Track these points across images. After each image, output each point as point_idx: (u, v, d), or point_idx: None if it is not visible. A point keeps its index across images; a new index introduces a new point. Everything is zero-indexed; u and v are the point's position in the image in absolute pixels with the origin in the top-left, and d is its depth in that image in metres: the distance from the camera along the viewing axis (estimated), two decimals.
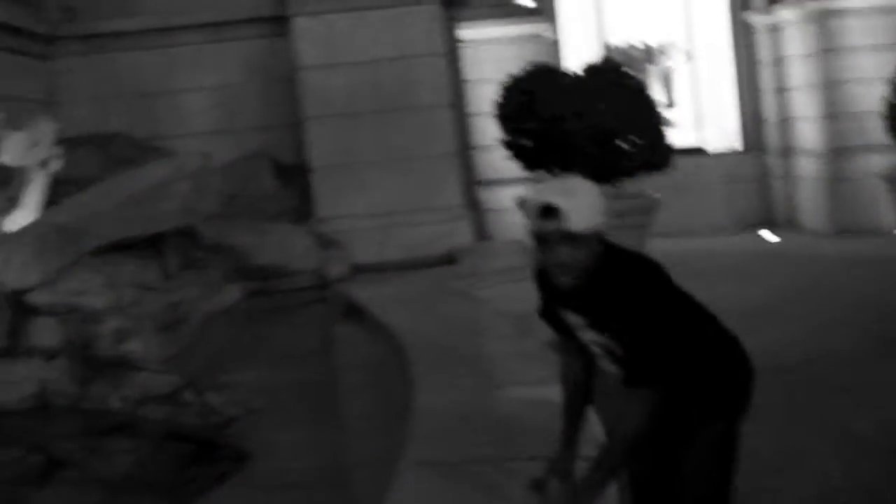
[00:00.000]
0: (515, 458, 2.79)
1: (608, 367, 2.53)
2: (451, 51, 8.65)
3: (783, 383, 5.21)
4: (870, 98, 10.76)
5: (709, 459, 2.55)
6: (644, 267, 2.47)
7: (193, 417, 3.74)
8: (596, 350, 2.52)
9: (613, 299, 2.38)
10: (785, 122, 12.24)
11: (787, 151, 12.16)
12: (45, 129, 6.43)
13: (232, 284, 6.23)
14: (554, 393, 3.45)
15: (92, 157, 7.75)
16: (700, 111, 12.91)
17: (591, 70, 9.07)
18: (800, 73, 11.76)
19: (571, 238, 2.31)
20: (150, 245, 5.29)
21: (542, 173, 9.60)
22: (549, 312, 2.62)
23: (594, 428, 3.06)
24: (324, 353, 5.38)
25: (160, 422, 3.76)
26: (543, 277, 2.54)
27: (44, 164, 6.37)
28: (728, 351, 2.61)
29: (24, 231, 4.93)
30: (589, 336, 2.51)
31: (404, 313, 5.07)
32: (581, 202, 2.33)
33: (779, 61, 12.27)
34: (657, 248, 9.19)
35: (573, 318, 2.53)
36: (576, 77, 9.16)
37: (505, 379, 3.73)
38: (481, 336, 4.51)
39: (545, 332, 6.72)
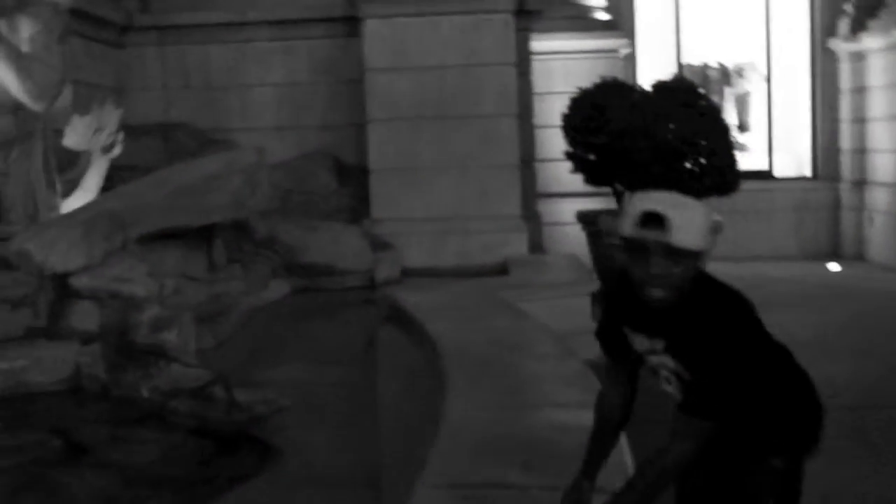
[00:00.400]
0: (539, 487, 2.67)
1: (669, 389, 2.41)
2: (523, 61, 8.55)
3: (851, 421, 5.04)
4: None
5: (762, 494, 2.42)
6: (737, 303, 2.34)
7: (220, 413, 3.68)
8: (663, 374, 2.38)
9: (701, 329, 2.25)
10: (860, 152, 11.90)
11: (861, 182, 11.83)
12: (110, 115, 6.50)
13: (280, 280, 6.21)
14: (585, 418, 3.36)
15: (153, 146, 7.83)
16: (774, 136, 12.62)
17: (662, 88, 8.88)
18: (881, 103, 11.42)
19: (672, 252, 2.18)
20: (199, 236, 5.29)
21: (605, 189, 9.47)
22: (610, 333, 2.48)
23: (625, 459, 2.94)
24: (363, 356, 5.31)
25: (187, 415, 3.71)
26: (618, 292, 2.41)
27: (106, 149, 6.43)
28: (798, 387, 2.48)
29: (74, 214, 4.95)
30: (660, 360, 2.37)
31: (447, 322, 4.97)
32: (690, 218, 2.20)
33: (859, 90, 11.93)
34: (718, 270, 9.02)
35: (644, 342, 2.39)
36: (645, 94, 8.99)
37: (540, 400, 3.60)
38: (522, 352, 4.38)
39: (590, 352, 6.58)
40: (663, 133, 8.21)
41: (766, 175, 12.36)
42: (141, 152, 7.60)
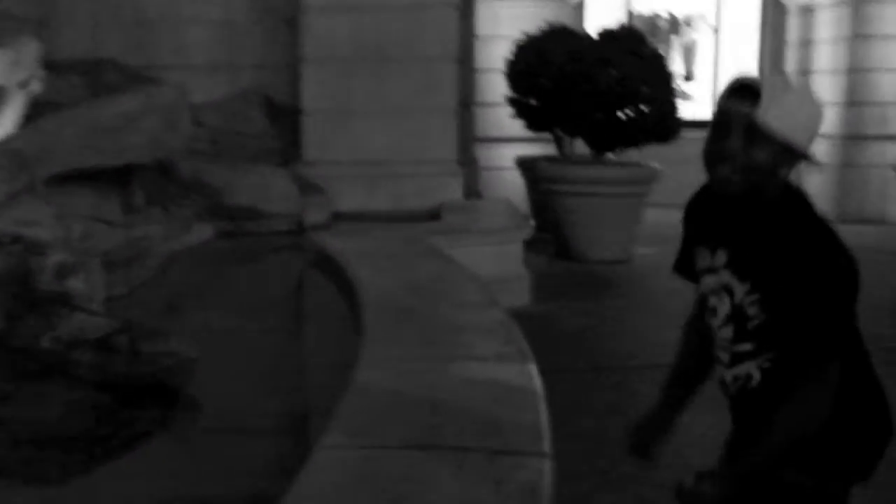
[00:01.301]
0: (444, 447, 2.55)
1: (714, 323, 2.07)
2: (467, 4, 8.33)
3: None
4: (894, 88, 10.46)
5: None
6: (832, 239, 1.92)
7: (122, 365, 3.51)
8: (711, 301, 2.05)
9: (779, 245, 1.91)
10: None
11: None
12: (30, 49, 6.18)
13: (204, 224, 6.00)
14: (503, 372, 3.25)
15: (79, 83, 7.49)
16: (719, 86, 12.56)
17: (606, 34, 8.77)
18: (826, 57, 11.42)
19: (753, 131, 1.88)
20: (115, 178, 5.06)
21: (546, 135, 9.37)
22: (683, 255, 2.19)
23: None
24: (288, 303, 5.15)
25: (89, 367, 3.53)
26: (693, 204, 2.15)
27: (24, 84, 6.13)
28: (867, 397, 2.06)
29: None
30: (716, 281, 2.03)
31: (371, 268, 4.82)
32: (788, 101, 1.88)
33: (806, 43, 11.91)
34: (655, 217, 9.06)
35: (705, 257, 2.07)
36: (590, 40, 8.85)
37: (457, 353, 3.48)
38: (444, 300, 4.25)
39: (516, 300, 6.49)
40: (605, 79, 8.10)
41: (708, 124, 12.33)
42: (65, 89, 7.27)
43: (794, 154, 1.93)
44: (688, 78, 12.76)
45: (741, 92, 1.91)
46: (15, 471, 3.08)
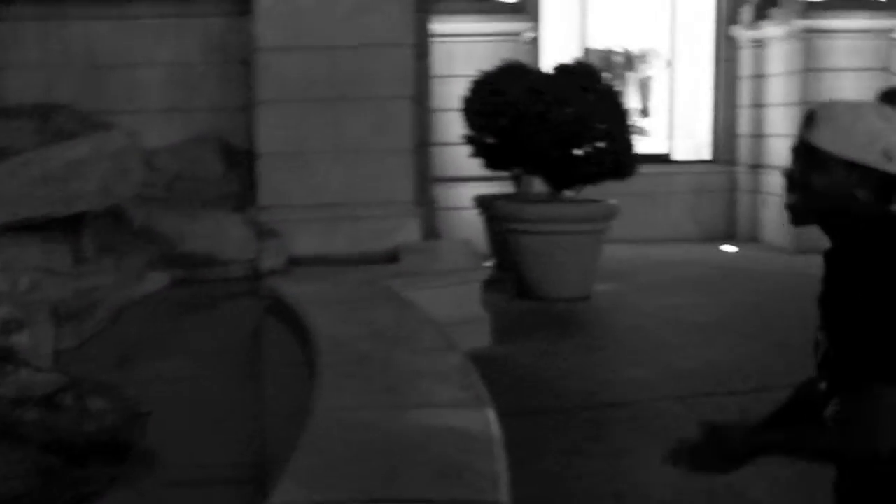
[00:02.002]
0: (396, 500, 2.50)
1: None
2: (421, 44, 8.34)
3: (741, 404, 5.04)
4: None
5: None
6: None
7: (69, 423, 3.41)
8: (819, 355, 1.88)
9: (848, 283, 1.76)
10: (757, 137, 12.11)
11: (757, 166, 12.02)
12: None
13: (158, 272, 5.91)
14: (460, 419, 3.21)
15: (30, 129, 7.36)
16: (674, 120, 12.72)
17: (562, 71, 8.83)
18: (779, 90, 11.61)
19: (811, 154, 1.78)
20: (65, 226, 4.96)
21: (504, 173, 9.39)
22: None
23: None
24: (243, 351, 5.07)
25: (34, 426, 3.43)
26: None
27: None
28: None
29: None
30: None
31: (327, 313, 4.77)
32: (845, 119, 1.77)
33: (758, 77, 12.11)
34: (614, 253, 9.13)
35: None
36: (545, 77, 8.91)
37: (413, 399, 3.43)
38: (401, 346, 4.21)
39: (475, 342, 6.45)
40: (561, 116, 8.14)
41: (665, 159, 12.46)
42: (15, 134, 7.16)
43: (868, 173, 1.78)
44: (644, 113, 12.88)
45: (807, 119, 1.83)
46: None
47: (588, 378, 6.09)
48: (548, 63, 10.39)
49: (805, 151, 1.81)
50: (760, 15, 11.89)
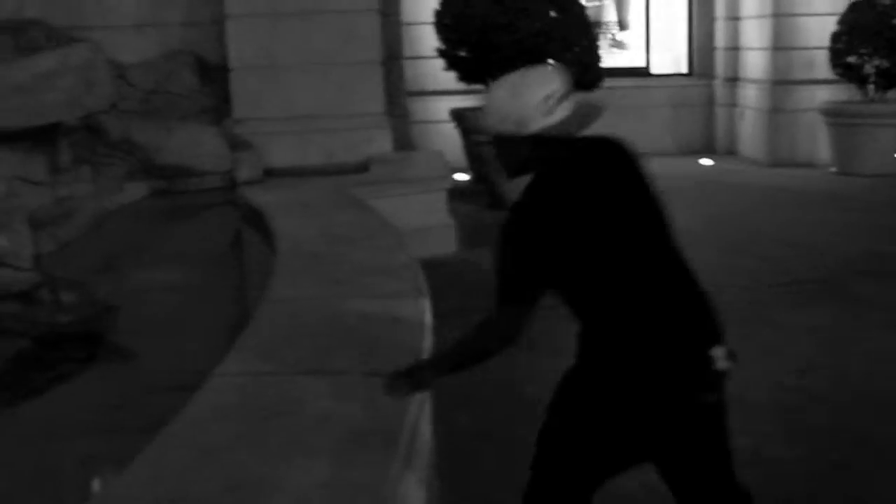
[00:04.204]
0: (325, 371, 2.81)
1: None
2: None
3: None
4: (820, 33, 10.71)
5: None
6: (523, 200, 2.24)
7: (45, 315, 3.73)
8: None
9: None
10: (734, 50, 12.16)
11: (734, 79, 12.11)
12: None
13: (137, 183, 6.17)
14: (397, 308, 3.50)
15: (2, 45, 7.53)
16: (652, 34, 12.76)
17: None
18: (753, 2, 11.64)
19: (491, 135, 2.27)
20: (40, 138, 5.21)
21: (480, 86, 9.55)
22: None
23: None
24: (214, 257, 5.36)
25: (13, 318, 3.74)
26: None
27: None
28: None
29: None
30: None
31: (292, 219, 5.05)
32: (491, 99, 2.27)
33: None
34: None
35: None
36: None
37: (357, 291, 3.73)
38: (355, 246, 4.49)
39: (437, 248, 6.69)
40: (525, 28, 8.30)
41: (643, 72, 12.55)
42: None
43: (520, 139, 2.23)
44: (621, 26, 12.94)
45: None
46: None
47: None
48: None
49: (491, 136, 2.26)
50: None
